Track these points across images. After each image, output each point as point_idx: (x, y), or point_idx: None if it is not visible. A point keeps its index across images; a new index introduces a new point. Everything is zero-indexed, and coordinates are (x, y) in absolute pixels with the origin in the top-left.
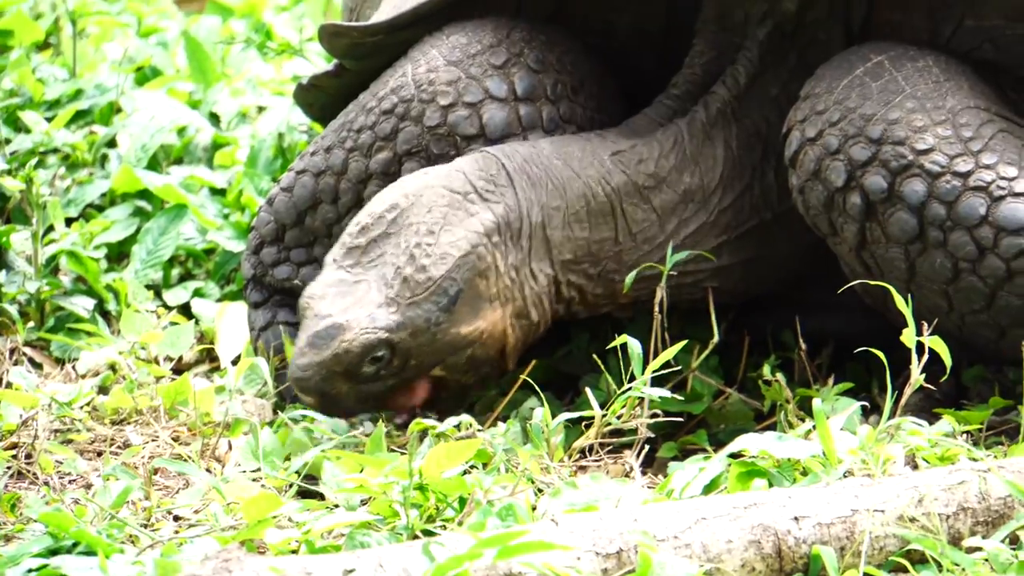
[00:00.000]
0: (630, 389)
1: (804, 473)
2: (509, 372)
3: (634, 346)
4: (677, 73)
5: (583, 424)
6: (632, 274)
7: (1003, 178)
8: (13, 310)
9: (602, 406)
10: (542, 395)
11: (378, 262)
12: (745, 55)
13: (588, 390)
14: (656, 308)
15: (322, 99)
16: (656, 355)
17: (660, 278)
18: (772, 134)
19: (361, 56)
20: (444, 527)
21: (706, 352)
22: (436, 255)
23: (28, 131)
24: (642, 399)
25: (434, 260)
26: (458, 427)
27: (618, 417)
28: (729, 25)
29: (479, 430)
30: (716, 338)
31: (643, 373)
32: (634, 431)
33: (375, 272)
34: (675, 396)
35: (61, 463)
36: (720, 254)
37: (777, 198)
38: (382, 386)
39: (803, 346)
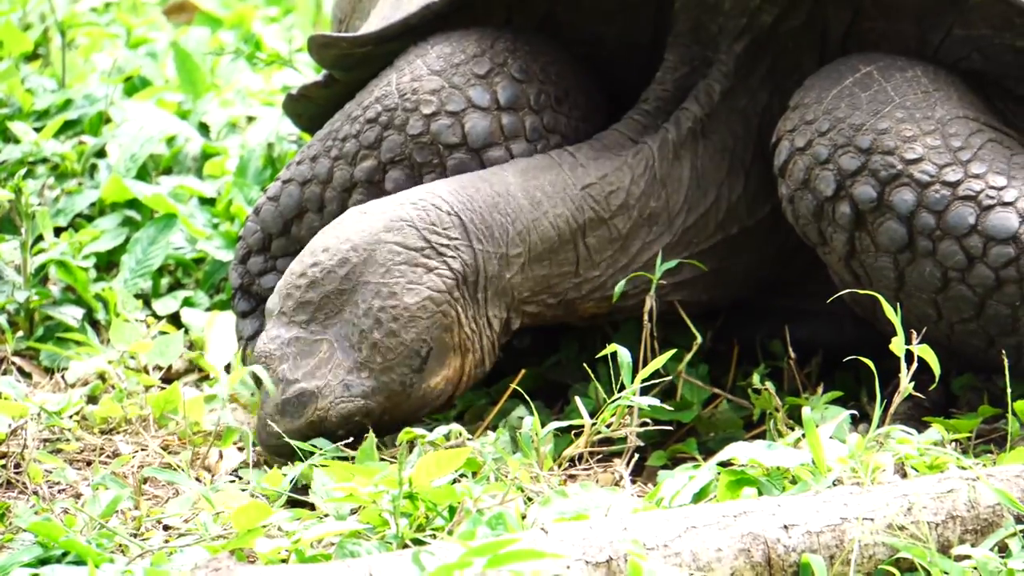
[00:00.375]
0: (620, 398)
1: (793, 481)
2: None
3: (624, 355)
4: (648, 88)
5: (573, 433)
6: (620, 284)
7: (992, 187)
8: (2, 320)
9: (592, 415)
10: (531, 404)
11: (336, 320)
12: (719, 69)
13: (577, 399)
14: (645, 317)
15: (311, 109)
16: (645, 363)
17: (625, 297)
18: (739, 148)
19: (350, 67)
20: (434, 536)
21: (689, 355)
22: (404, 318)
23: (17, 141)
24: (631, 408)
25: (403, 324)
26: (448, 436)
27: (608, 426)
28: (703, 38)
29: (469, 439)
30: (699, 340)
31: (632, 382)
32: (624, 440)
33: (334, 331)
34: (664, 405)
35: (50, 472)
36: (681, 269)
37: (746, 211)
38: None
39: (792, 355)
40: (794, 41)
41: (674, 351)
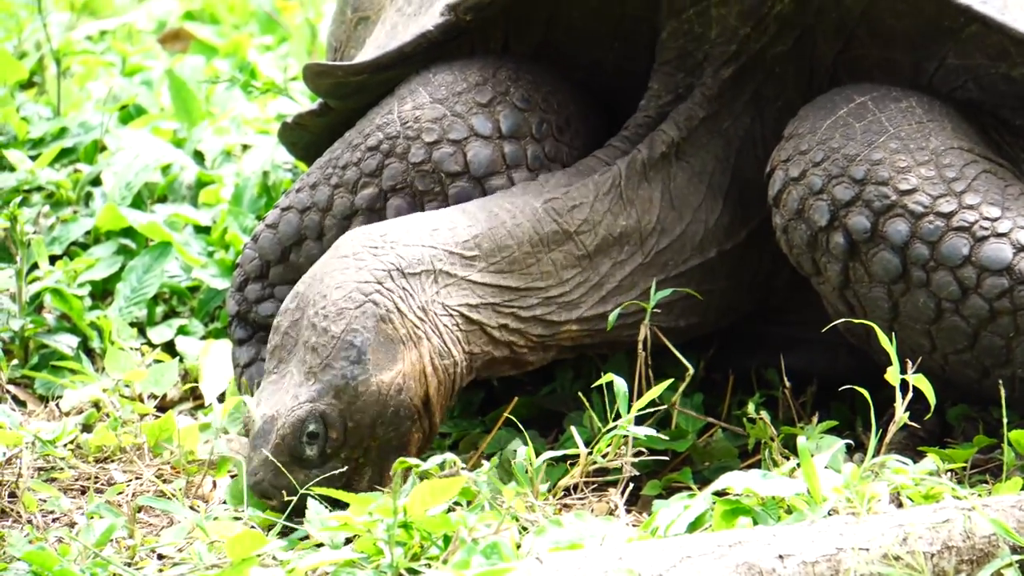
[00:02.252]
0: (615, 428)
1: (789, 511)
2: (434, 434)
3: (619, 385)
4: (632, 116)
5: (568, 462)
6: (614, 313)
7: (986, 218)
8: None
9: (587, 444)
10: (526, 433)
11: (295, 350)
12: (702, 93)
13: (574, 429)
14: (640, 346)
15: (306, 138)
16: (640, 393)
17: (606, 321)
18: (718, 172)
19: (345, 95)
20: (429, 565)
21: (683, 384)
22: (332, 313)
23: (12, 169)
24: (627, 437)
25: (331, 319)
26: (442, 466)
27: (603, 456)
28: (688, 66)
29: (463, 468)
30: (691, 371)
31: (628, 411)
32: (619, 469)
33: (294, 360)
34: (660, 435)
35: (45, 501)
36: (690, 285)
37: (724, 235)
38: (335, 465)
39: (787, 384)
40: (780, 68)
41: (670, 381)
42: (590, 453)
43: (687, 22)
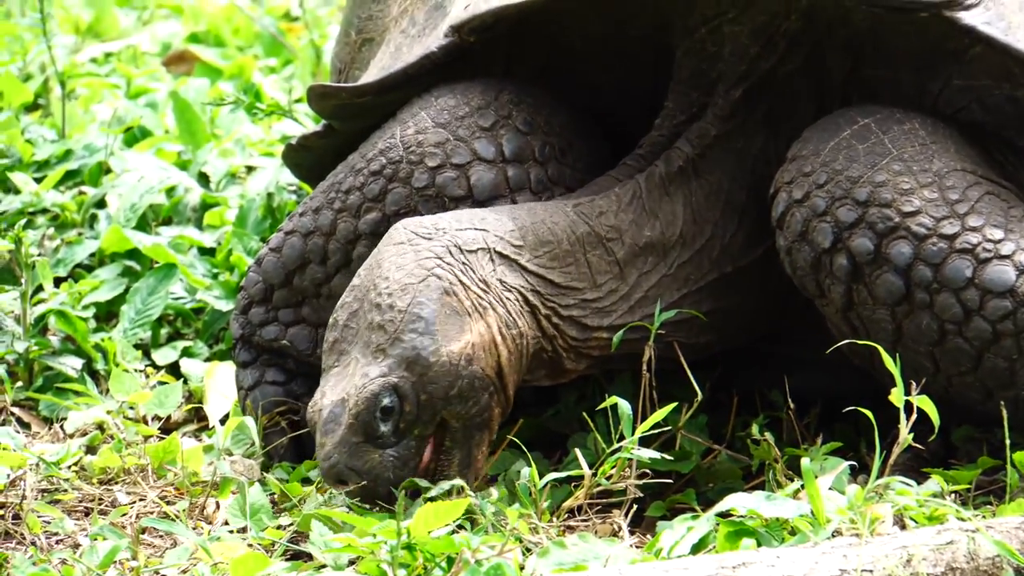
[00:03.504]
0: (619, 450)
1: (793, 532)
2: (509, 409)
3: (623, 407)
4: (646, 136)
5: (572, 484)
6: (619, 333)
7: (989, 240)
8: (1, 370)
9: (591, 465)
10: (529, 455)
11: (356, 339)
12: (715, 112)
13: (578, 451)
14: (644, 367)
15: (311, 159)
16: (644, 414)
17: (635, 335)
18: (734, 189)
19: (349, 117)
20: None
21: (691, 410)
22: (396, 289)
23: (17, 191)
24: (631, 459)
25: (396, 295)
26: (449, 492)
27: (608, 478)
28: (702, 84)
29: (469, 494)
30: (700, 396)
31: (632, 433)
32: (623, 491)
33: (356, 348)
34: (664, 456)
35: (49, 523)
36: (680, 307)
37: (739, 251)
38: (410, 445)
39: (791, 405)
40: (792, 86)
41: (673, 405)
42: (594, 475)
43: (700, 41)
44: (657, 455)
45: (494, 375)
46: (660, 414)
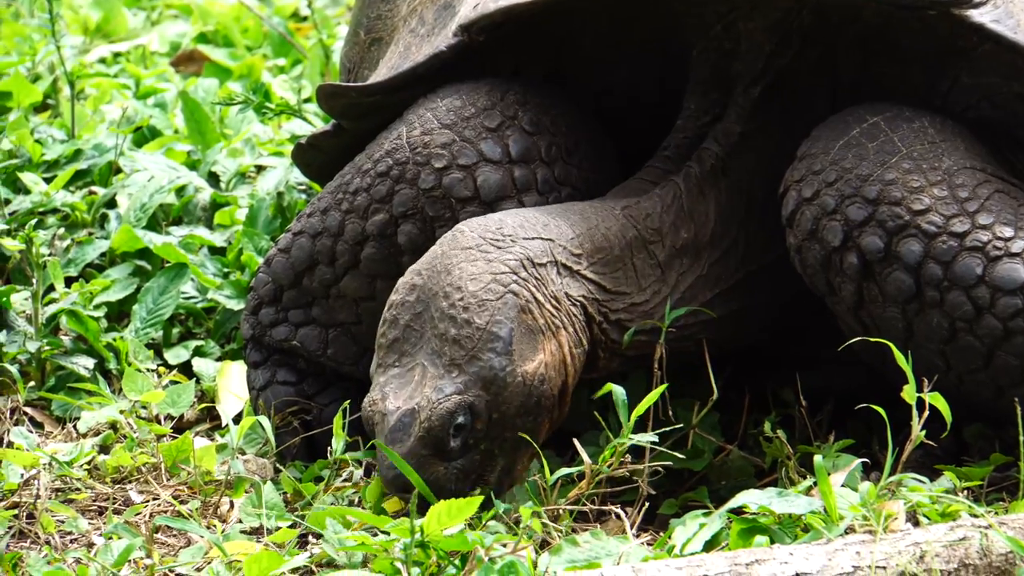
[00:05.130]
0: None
1: (805, 530)
2: (561, 421)
3: (618, 393)
4: (669, 136)
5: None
6: (630, 331)
7: (999, 238)
8: (14, 370)
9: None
10: (541, 452)
11: (422, 343)
12: (736, 111)
13: (576, 441)
14: (655, 365)
15: (320, 158)
16: (656, 413)
17: (659, 332)
18: (755, 188)
19: (359, 116)
20: None
21: (705, 409)
22: (473, 305)
23: (27, 192)
24: (637, 449)
25: (473, 310)
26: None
27: (608, 466)
28: (721, 83)
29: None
30: (715, 395)
31: (628, 419)
32: (636, 489)
33: (423, 354)
34: (676, 453)
35: (63, 522)
36: (712, 307)
37: (763, 249)
38: (474, 457)
39: (804, 403)
40: (807, 84)
41: (665, 385)
42: (595, 466)
43: (716, 39)
44: (655, 438)
45: (558, 394)
46: (654, 396)
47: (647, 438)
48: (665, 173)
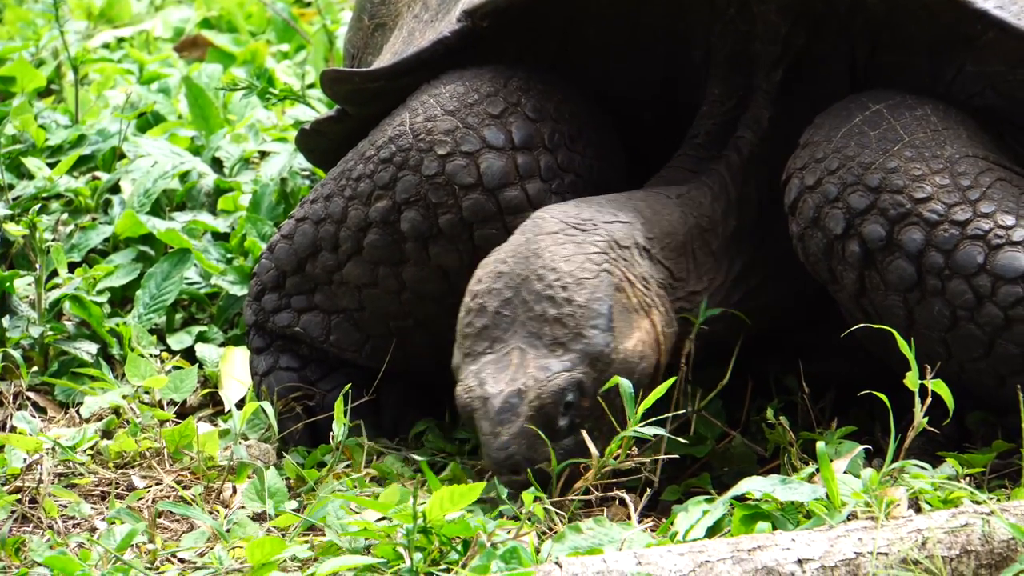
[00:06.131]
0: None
1: (808, 516)
2: None
3: (625, 386)
4: (695, 123)
5: (582, 467)
6: (702, 315)
7: (1001, 227)
8: (17, 355)
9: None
10: (549, 443)
11: (515, 327)
12: (763, 97)
13: (584, 432)
14: (683, 360)
15: (324, 144)
16: (678, 405)
17: (720, 322)
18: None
19: (363, 102)
20: (448, 570)
21: (712, 395)
22: (572, 283)
23: (31, 177)
24: (639, 440)
25: (573, 289)
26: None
27: (615, 458)
28: (741, 64)
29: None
30: (725, 380)
31: (639, 413)
32: (640, 475)
33: (519, 338)
34: (677, 438)
35: (65, 507)
36: (758, 294)
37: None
38: (579, 439)
39: (806, 389)
40: (826, 69)
41: (673, 379)
42: (602, 457)
43: (731, 22)
44: (662, 432)
45: (653, 371)
46: (661, 389)
47: (653, 431)
48: (700, 161)
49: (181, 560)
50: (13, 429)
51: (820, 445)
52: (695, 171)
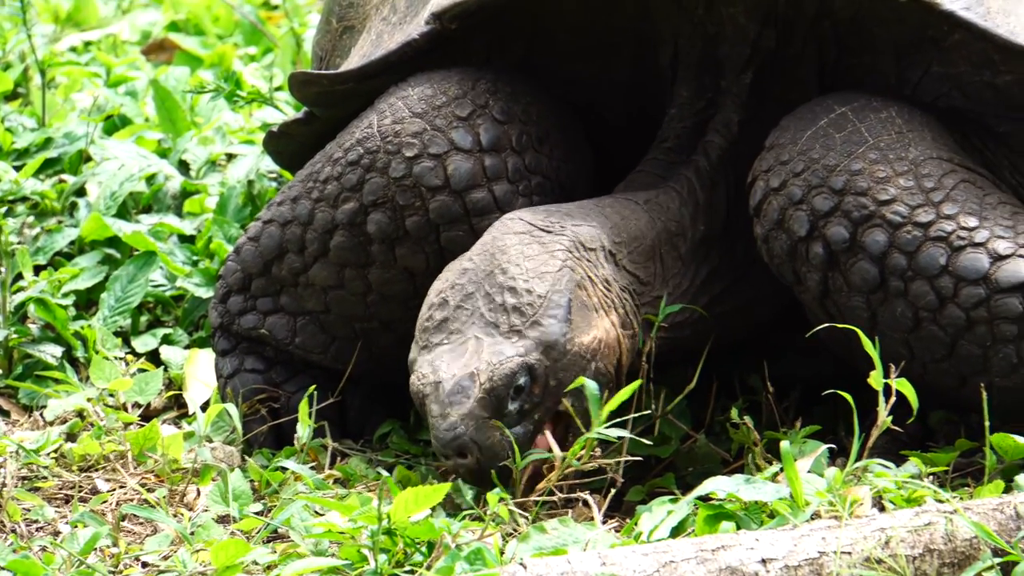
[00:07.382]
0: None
1: (772, 516)
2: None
3: (591, 387)
4: (664, 126)
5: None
6: (659, 317)
7: (963, 228)
8: None
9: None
10: (515, 444)
11: (473, 319)
12: (732, 100)
13: (547, 431)
14: (643, 359)
15: (292, 147)
16: (641, 406)
17: (687, 327)
18: None
19: (331, 104)
20: (413, 572)
21: (679, 398)
22: (533, 275)
23: None
24: (604, 441)
25: (534, 280)
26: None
27: (578, 459)
28: (711, 67)
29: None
30: (693, 384)
31: (604, 415)
32: (604, 475)
33: (474, 328)
34: (641, 439)
35: (29, 510)
36: (722, 300)
37: None
38: (528, 426)
39: (771, 389)
40: (798, 74)
41: (637, 382)
42: (565, 458)
43: (700, 24)
44: (626, 434)
45: (613, 373)
46: (626, 392)
47: (618, 434)
48: (669, 166)
49: (145, 564)
50: None
51: (784, 445)
52: (664, 176)
